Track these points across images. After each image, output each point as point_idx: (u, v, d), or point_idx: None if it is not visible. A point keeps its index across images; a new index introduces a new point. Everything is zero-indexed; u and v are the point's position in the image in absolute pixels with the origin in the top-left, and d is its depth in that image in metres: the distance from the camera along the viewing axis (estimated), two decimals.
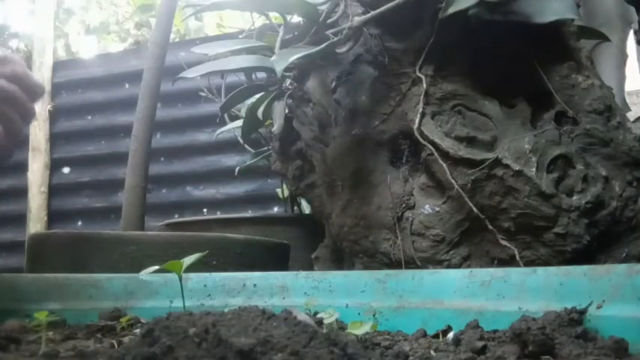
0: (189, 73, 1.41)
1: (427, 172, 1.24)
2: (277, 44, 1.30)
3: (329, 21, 1.31)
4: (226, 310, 0.56)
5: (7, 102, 0.95)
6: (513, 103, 1.22)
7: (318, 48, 1.19)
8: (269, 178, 2.85)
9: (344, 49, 1.24)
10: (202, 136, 3.04)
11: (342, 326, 0.83)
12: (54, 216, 3.27)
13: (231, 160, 2.97)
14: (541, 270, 0.80)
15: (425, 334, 0.81)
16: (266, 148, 2.09)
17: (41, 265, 1.36)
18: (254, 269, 1.13)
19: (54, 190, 3.28)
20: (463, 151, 1.17)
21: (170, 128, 3.04)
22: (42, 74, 3.29)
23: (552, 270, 0.79)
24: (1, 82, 0.94)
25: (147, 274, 0.87)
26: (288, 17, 1.41)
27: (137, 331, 0.84)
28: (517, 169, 1.12)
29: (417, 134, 1.19)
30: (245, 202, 2.97)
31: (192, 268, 0.84)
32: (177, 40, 3.68)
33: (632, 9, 1.74)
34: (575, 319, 0.67)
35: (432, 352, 0.66)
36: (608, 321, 0.67)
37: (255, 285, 0.99)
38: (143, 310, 0.95)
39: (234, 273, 1.04)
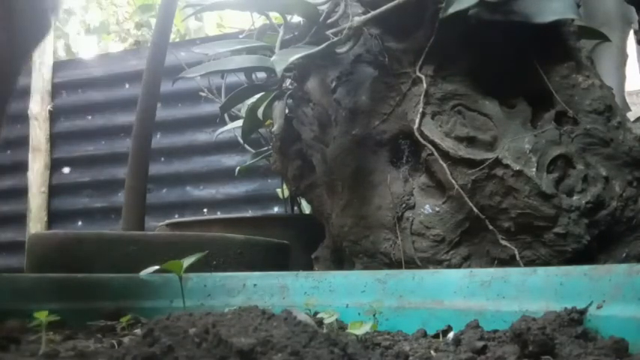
0: (189, 73, 1.41)
1: (427, 172, 1.24)
2: (277, 44, 1.30)
3: (329, 21, 1.31)
4: (226, 310, 0.56)
5: None
6: (513, 103, 1.22)
7: (318, 48, 1.19)
8: (269, 178, 2.85)
9: (344, 49, 1.24)
10: (202, 136, 3.03)
11: (342, 326, 0.83)
12: (54, 216, 3.27)
13: (231, 160, 2.96)
14: (541, 270, 0.80)
15: (425, 334, 0.81)
16: (266, 148, 2.09)
17: (41, 265, 1.36)
18: (254, 269, 1.13)
19: (54, 190, 3.27)
20: (463, 151, 1.17)
21: (170, 128, 3.04)
22: (42, 74, 3.29)
23: (552, 270, 0.80)
24: None
25: (147, 274, 0.88)
26: (288, 17, 1.41)
27: (137, 331, 0.84)
28: (517, 169, 1.12)
29: (417, 134, 1.19)
30: (245, 202, 2.96)
31: (192, 268, 0.84)
32: (177, 40, 3.68)
33: (632, 9, 1.74)
34: (575, 319, 0.67)
35: (432, 352, 0.66)
36: (608, 321, 0.67)
37: (255, 285, 0.99)
38: (143, 310, 0.95)
39: (234, 273, 1.04)
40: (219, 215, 2.87)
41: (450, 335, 0.76)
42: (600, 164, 1.16)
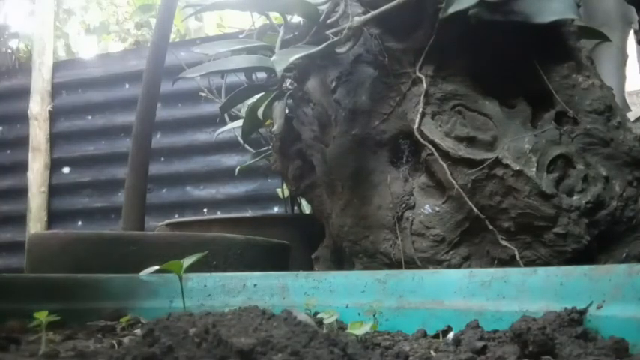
0: (189, 73, 1.41)
1: (427, 172, 1.24)
2: (277, 44, 1.30)
3: (329, 21, 1.31)
4: (226, 310, 0.56)
5: None
6: (513, 103, 1.22)
7: (318, 48, 1.19)
8: (269, 178, 2.85)
9: (344, 49, 1.24)
10: (202, 136, 3.03)
11: (342, 326, 0.83)
12: (54, 216, 3.27)
13: (231, 160, 2.96)
14: (541, 270, 0.80)
15: (425, 334, 0.81)
16: (266, 148, 2.09)
17: (41, 265, 1.36)
18: (254, 269, 1.13)
19: (54, 190, 3.27)
20: (463, 151, 1.17)
21: (170, 128, 3.04)
22: (42, 74, 3.29)
23: (552, 270, 0.79)
24: None
25: (147, 274, 0.88)
26: (288, 17, 1.41)
27: (137, 331, 0.84)
28: (517, 169, 1.12)
29: (417, 134, 1.19)
30: (245, 202, 2.96)
31: (192, 268, 0.84)
32: (177, 40, 3.67)
33: (632, 9, 1.74)
34: (575, 319, 0.67)
35: (432, 352, 0.66)
36: (608, 321, 0.67)
37: (255, 285, 0.99)
38: (143, 310, 0.95)
39: (234, 273, 1.04)
40: (219, 215, 2.87)
41: (450, 335, 0.76)
42: (600, 164, 1.16)
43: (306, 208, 2.10)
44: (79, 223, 3.26)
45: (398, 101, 1.26)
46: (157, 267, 0.85)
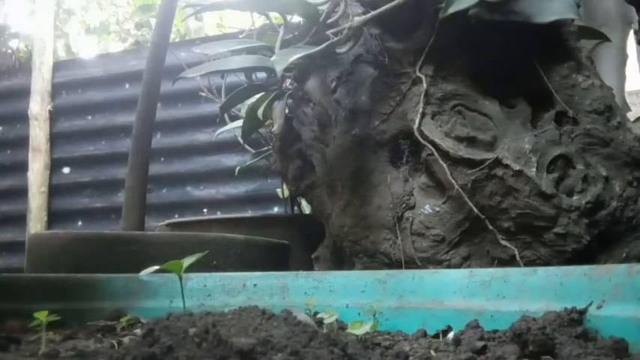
0: (189, 73, 1.41)
1: (427, 172, 1.24)
2: (277, 44, 1.30)
3: (329, 21, 1.31)
4: (226, 310, 0.56)
5: None
6: (513, 103, 1.22)
7: (318, 48, 1.19)
8: (269, 178, 2.85)
9: (344, 49, 1.24)
10: (202, 136, 3.03)
11: (342, 326, 0.83)
12: (54, 216, 3.27)
13: (231, 160, 2.96)
14: (541, 270, 0.80)
15: (425, 334, 0.81)
16: (266, 148, 2.09)
17: (41, 265, 1.36)
18: (254, 269, 1.13)
19: (54, 190, 3.27)
20: (463, 151, 1.17)
21: (170, 128, 3.04)
22: (42, 74, 3.29)
23: (553, 270, 0.80)
24: None
25: (147, 274, 0.88)
26: (288, 17, 1.41)
27: (137, 331, 0.84)
28: (517, 169, 1.12)
29: (417, 134, 1.19)
30: (245, 202, 2.96)
31: (192, 268, 0.84)
32: (177, 40, 3.67)
33: (632, 9, 1.74)
34: (575, 319, 0.67)
35: (432, 352, 0.66)
36: (608, 321, 0.67)
37: (255, 285, 0.99)
38: (143, 310, 0.95)
39: (234, 273, 1.04)
40: (219, 215, 2.87)
41: (450, 335, 0.76)
42: (600, 164, 1.16)
43: (306, 208, 2.10)
44: (79, 223, 3.26)
45: (398, 101, 1.26)
46: (157, 267, 0.85)
